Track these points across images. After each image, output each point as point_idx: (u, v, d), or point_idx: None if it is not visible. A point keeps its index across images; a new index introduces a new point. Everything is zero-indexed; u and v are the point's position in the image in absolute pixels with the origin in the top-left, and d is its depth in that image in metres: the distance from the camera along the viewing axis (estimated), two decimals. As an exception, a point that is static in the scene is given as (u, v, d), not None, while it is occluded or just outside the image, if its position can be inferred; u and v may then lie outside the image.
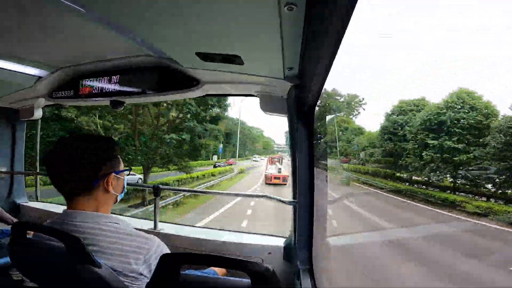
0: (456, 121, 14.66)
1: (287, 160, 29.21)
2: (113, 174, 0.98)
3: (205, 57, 1.19)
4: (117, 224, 0.95)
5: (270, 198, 1.74)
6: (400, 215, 12.87)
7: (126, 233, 0.92)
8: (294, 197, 1.58)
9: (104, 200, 0.98)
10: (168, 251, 0.96)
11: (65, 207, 0.97)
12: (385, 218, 11.75)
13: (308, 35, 0.87)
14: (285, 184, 20.66)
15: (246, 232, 2.01)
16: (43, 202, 2.70)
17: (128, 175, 1.08)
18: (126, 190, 1.09)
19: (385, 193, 16.13)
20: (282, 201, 1.64)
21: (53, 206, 2.52)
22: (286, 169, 24.84)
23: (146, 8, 0.86)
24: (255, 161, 50.45)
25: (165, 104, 14.44)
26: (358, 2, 0.57)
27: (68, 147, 0.94)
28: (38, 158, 2.95)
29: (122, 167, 1.03)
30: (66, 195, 0.96)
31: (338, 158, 22.82)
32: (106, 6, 0.88)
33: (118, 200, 1.06)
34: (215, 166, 30.85)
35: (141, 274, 0.90)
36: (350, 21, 0.64)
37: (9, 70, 1.51)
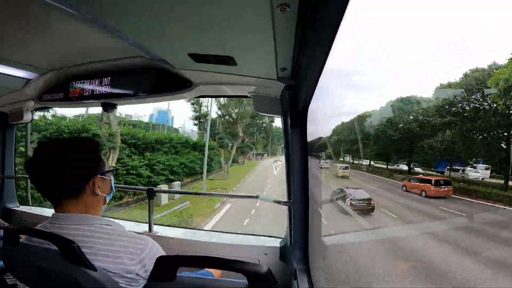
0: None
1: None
2: (99, 175, 0.97)
3: (198, 58, 1.18)
4: (109, 226, 0.94)
5: (264, 199, 1.73)
6: None
7: (119, 235, 0.91)
8: (289, 198, 1.58)
9: (92, 202, 0.97)
10: (163, 253, 0.95)
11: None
12: None
13: (301, 35, 0.88)
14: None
15: (242, 233, 2.00)
16: (35, 206, 2.65)
17: (115, 174, 1.06)
18: (114, 191, 1.08)
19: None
20: (277, 202, 1.64)
21: (45, 210, 2.48)
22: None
23: (139, 9, 0.85)
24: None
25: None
26: (350, 2, 0.57)
27: (50, 152, 0.92)
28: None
29: (107, 167, 1.02)
30: (52, 200, 0.95)
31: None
32: (98, 7, 0.87)
33: (107, 201, 1.05)
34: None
35: (138, 275, 0.89)
36: (342, 21, 0.64)
37: None
